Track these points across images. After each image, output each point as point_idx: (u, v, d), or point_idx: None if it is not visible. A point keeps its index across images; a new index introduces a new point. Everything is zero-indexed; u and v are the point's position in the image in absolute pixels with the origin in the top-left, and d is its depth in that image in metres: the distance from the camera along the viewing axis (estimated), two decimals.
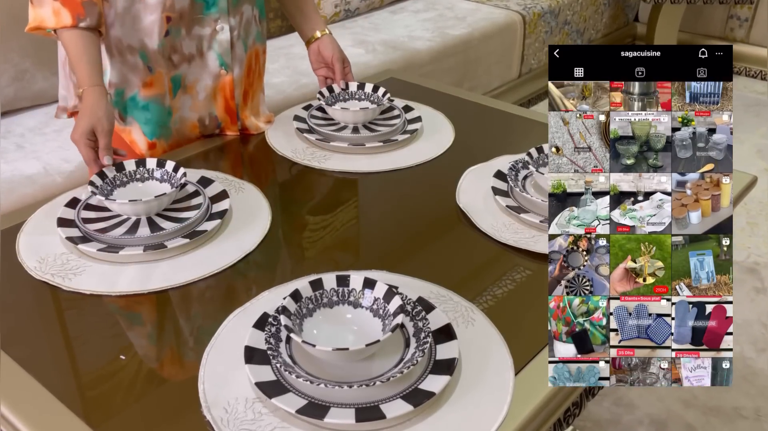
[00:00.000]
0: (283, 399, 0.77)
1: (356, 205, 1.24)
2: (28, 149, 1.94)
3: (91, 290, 0.98)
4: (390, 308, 0.86)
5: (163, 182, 1.16)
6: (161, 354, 0.89)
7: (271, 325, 0.86)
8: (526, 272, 1.03)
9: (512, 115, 1.55)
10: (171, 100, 1.35)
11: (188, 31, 1.32)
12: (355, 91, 1.50)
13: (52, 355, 0.88)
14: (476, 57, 3.01)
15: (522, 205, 1.16)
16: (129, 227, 1.08)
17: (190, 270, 1.02)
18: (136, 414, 0.80)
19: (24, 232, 1.10)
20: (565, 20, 3.47)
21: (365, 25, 2.97)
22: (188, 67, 1.35)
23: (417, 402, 0.77)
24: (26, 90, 2.11)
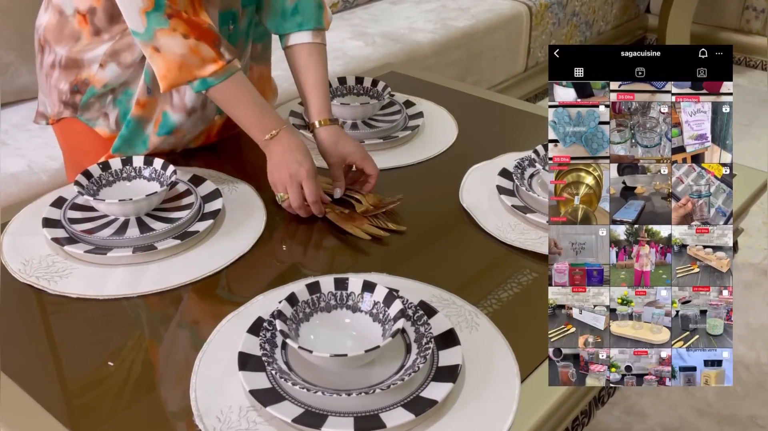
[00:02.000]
0: (278, 407, 0.77)
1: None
2: (12, 146, 1.94)
3: (78, 293, 0.98)
4: (390, 312, 0.86)
5: (151, 181, 1.16)
6: (151, 360, 0.89)
7: (266, 330, 0.86)
8: (532, 275, 1.03)
9: (518, 111, 1.55)
10: (153, 135, 1.27)
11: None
12: (353, 86, 1.50)
13: (37, 361, 0.88)
14: (480, 50, 3.01)
15: (528, 205, 1.16)
16: (117, 228, 1.08)
17: (182, 272, 1.02)
18: (124, 423, 0.80)
19: (8, 233, 1.10)
20: (574, 11, 3.47)
21: (364, 17, 2.97)
22: (186, 119, 1.26)
23: (418, 410, 0.77)
24: (10, 84, 2.12)
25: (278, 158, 1.15)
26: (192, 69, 1.10)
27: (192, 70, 1.11)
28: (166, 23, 1.09)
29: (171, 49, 1.09)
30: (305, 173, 1.13)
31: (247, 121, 1.17)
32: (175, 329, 0.95)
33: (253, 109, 1.17)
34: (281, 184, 1.15)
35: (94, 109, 1.27)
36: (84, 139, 1.30)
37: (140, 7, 1.08)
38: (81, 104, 1.26)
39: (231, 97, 1.16)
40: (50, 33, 1.26)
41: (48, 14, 1.26)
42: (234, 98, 1.16)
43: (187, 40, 1.09)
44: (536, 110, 1.55)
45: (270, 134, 1.16)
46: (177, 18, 1.09)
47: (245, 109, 1.17)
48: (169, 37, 1.09)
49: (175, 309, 0.97)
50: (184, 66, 1.10)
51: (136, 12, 1.09)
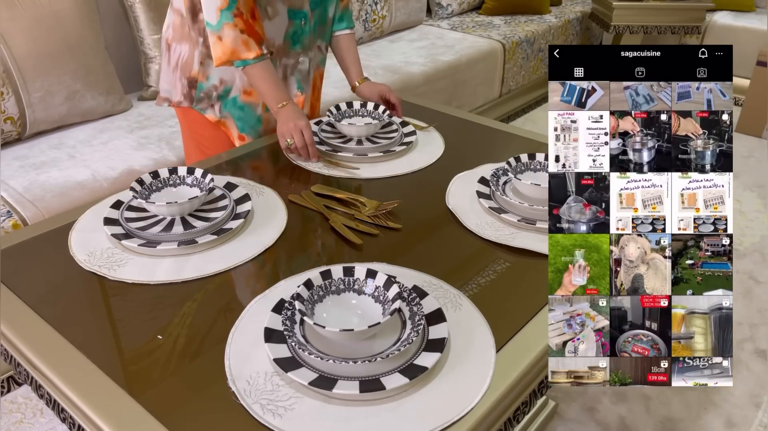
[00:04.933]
0: (297, 373, 0.77)
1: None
2: (79, 158, 1.94)
3: (133, 279, 0.98)
4: (389, 295, 0.86)
5: (193, 187, 1.16)
6: (193, 334, 0.89)
7: (287, 309, 0.86)
8: (505, 264, 1.03)
9: (494, 129, 1.54)
10: (263, 111, 1.49)
11: (279, 61, 1.44)
12: (358, 109, 1.50)
13: (99, 335, 0.88)
14: (463, 79, 3.01)
15: (502, 207, 1.16)
16: (165, 226, 1.08)
17: (218, 262, 1.02)
18: (171, 386, 0.80)
19: (75, 230, 1.10)
20: (539, 48, 3.47)
21: (368, 52, 2.97)
22: None
23: (412, 375, 0.77)
24: (77, 108, 2.12)
25: (285, 118, 1.34)
26: (239, 53, 1.30)
27: (239, 54, 1.30)
28: (232, 20, 1.28)
29: (229, 38, 1.29)
30: (303, 124, 1.32)
31: (266, 93, 1.35)
32: (212, 309, 0.95)
33: (270, 86, 1.35)
34: (288, 132, 1.32)
35: (204, 102, 1.46)
36: (198, 120, 1.49)
37: (218, 6, 1.27)
38: (195, 98, 1.45)
39: (258, 75, 1.33)
40: (172, 33, 1.42)
41: (171, 16, 1.42)
42: (260, 76, 1.34)
43: (243, 35, 1.29)
44: (509, 129, 1.55)
45: (281, 104, 1.35)
46: (239, 18, 1.29)
47: (267, 85, 1.34)
48: (230, 30, 1.28)
49: (212, 292, 0.97)
50: (234, 51, 1.30)
51: (214, 9, 1.27)
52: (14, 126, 1.99)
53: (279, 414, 0.74)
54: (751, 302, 2.10)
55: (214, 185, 1.17)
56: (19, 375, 0.93)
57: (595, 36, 4.07)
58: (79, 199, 1.76)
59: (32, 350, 0.85)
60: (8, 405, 1.65)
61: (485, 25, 3.45)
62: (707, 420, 1.67)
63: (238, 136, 1.50)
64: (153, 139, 2.07)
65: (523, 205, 1.12)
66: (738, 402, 1.71)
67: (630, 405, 1.71)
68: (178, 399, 0.78)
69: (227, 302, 0.96)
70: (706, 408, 1.70)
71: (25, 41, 1.96)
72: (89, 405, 0.77)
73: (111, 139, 2.07)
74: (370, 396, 0.76)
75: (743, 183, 2.85)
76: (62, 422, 0.85)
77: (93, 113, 2.17)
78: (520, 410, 0.85)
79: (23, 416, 1.63)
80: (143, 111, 2.28)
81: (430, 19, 3.60)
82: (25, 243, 1.08)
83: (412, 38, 3.21)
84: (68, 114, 2.10)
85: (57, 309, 0.92)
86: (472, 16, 3.64)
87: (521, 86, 3.46)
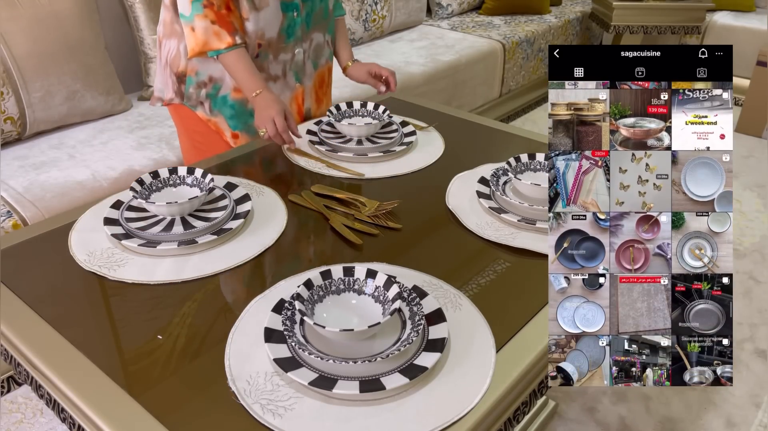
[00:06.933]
0: (297, 373, 0.77)
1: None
2: (79, 158, 1.94)
3: (133, 279, 0.98)
4: (389, 295, 0.86)
5: (193, 187, 1.16)
6: (193, 334, 0.89)
7: (287, 309, 0.86)
8: (505, 264, 1.03)
9: (494, 129, 1.54)
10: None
11: (275, 56, 1.44)
12: (359, 109, 1.49)
13: (99, 335, 0.88)
14: (463, 79, 3.01)
15: (502, 206, 1.16)
16: (165, 225, 1.08)
17: (218, 262, 1.02)
18: (171, 386, 0.80)
19: (75, 230, 1.10)
20: (539, 48, 3.47)
21: (368, 52, 2.97)
22: (273, 85, 1.47)
23: (412, 375, 0.77)
24: (77, 108, 2.12)
25: (259, 107, 1.34)
26: (210, 44, 1.32)
27: (210, 44, 1.32)
28: (202, 11, 1.30)
29: (200, 28, 1.31)
30: (275, 112, 1.32)
31: (242, 82, 1.36)
32: (212, 309, 0.95)
33: (245, 73, 1.35)
34: (261, 123, 1.34)
35: (194, 98, 1.46)
36: (191, 117, 1.50)
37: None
38: (185, 93, 1.45)
39: (232, 63, 1.35)
40: (163, 30, 1.43)
41: (162, 13, 1.43)
42: (234, 64, 1.35)
43: (214, 25, 1.31)
44: (509, 129, 1.55)
45: (255, 92, 1.35)
46: (209, 9, 1.30)
47: (241, 73, 1.35)
48: (201, 21, 1.31)
49: (212, 292, 0.97)
50: (206, 42, 1.32)
51: (186, 0, 1.30)
52: (14, 126, 1.99)
53: (279, 414, 0.74)
54: (751, 302, 2.10)
55: (214, 185, 1.17)
56: (19, 375, 0.93)
57: (595, 36, 4.08)
58: (79, 199, 1.76)
59: (32, 350, 0.85)
60: (8, 405, 1.65)
61: (485, 25, 3.45)
62: (707, 420, 1.67)
63: (232, 135, 1.50)
64: (153, 139, 2.07)
65: (523, 205, 1.12)
66: (738, 402, 1.71)
67: (630, 405, 1.71)
68: (178, 399, 0.78)
69: (227, 302, 0.96)
70: (706, 408, 1.70)
71: (25, 41, 1.96)
72: (89, 405, 0.77)
73: (111, 139, 2.07)
74: (370, 396, 0.76)
75: (743, 183, 2.84)
76: (62, 422, 0.85)
77: (93, 113, 2.17)
78: (520, 410, 0.85)
79: (23, 416, 1.63)
80: (143, 111, 2.28)
81: (430, 19, 3.60)
82: (25, 243, 1.08)
83: (412, 38, 3.21)
84: (68, 114, 2.10)
85: (57, 309, 0.92)
86: (472, 16, 3.65)
87: (521, 86, 3.46)
